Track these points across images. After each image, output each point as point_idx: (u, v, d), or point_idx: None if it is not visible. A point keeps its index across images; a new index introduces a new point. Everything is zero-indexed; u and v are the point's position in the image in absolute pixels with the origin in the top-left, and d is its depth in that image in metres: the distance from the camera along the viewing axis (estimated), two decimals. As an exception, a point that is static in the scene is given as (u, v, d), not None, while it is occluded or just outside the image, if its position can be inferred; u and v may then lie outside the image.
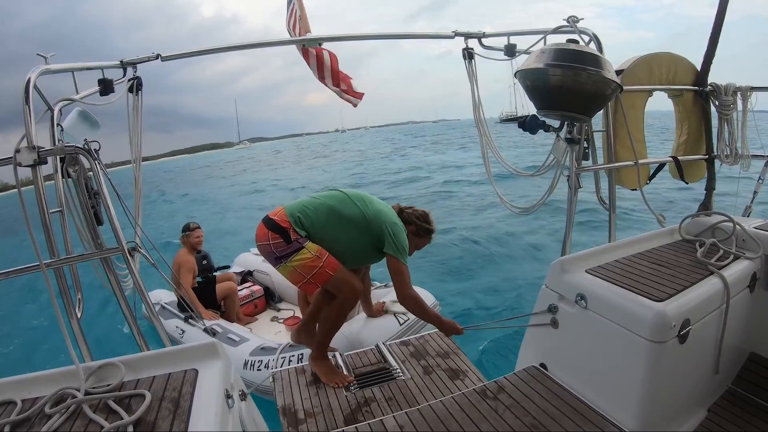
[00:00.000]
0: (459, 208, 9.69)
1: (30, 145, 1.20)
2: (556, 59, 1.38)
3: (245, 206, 14.13)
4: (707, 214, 1.79)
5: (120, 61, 1.88)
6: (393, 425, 1.47)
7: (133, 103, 1.94)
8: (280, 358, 3.20)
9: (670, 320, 1.22)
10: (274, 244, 1.98)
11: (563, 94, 1.42)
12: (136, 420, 0.95)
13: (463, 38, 2.34)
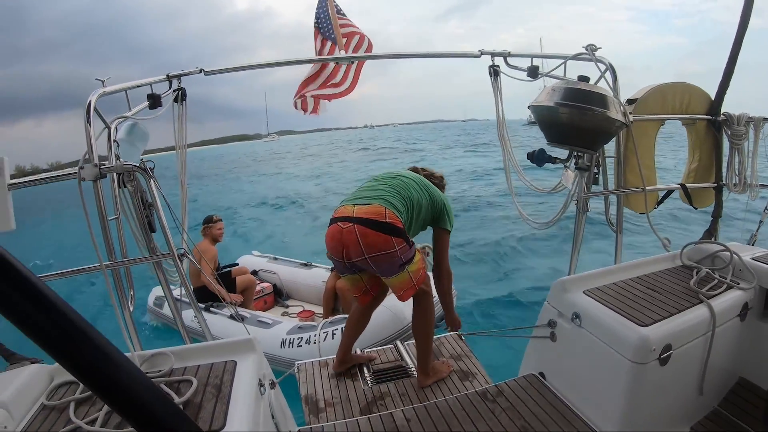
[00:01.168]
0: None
1: (93, 163, 1.38)
2: (565, 98, 1.51)
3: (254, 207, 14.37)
4: (710, 242, 1.87)
5: (166, 75, 2.04)
6: (401, 418, 1.66)
7: (177, 112, 2.12)
8: (323, 333, 3.45)
9: (650, 344, 1.34)
10: (401, 249, 1.80)
11: (570, 130, 1.54)
12: (186, 401, 1.14)
13: (489, 56, 2.46)
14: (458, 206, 10.40)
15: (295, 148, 49.71)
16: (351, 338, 2.32)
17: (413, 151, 31.98)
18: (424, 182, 2.02)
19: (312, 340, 3.43)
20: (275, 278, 4.94)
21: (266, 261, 5.21)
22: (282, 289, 4.94)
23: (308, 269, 4.95)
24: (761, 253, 1.78)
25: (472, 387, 2.14)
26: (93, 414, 1.14)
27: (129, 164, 1.42)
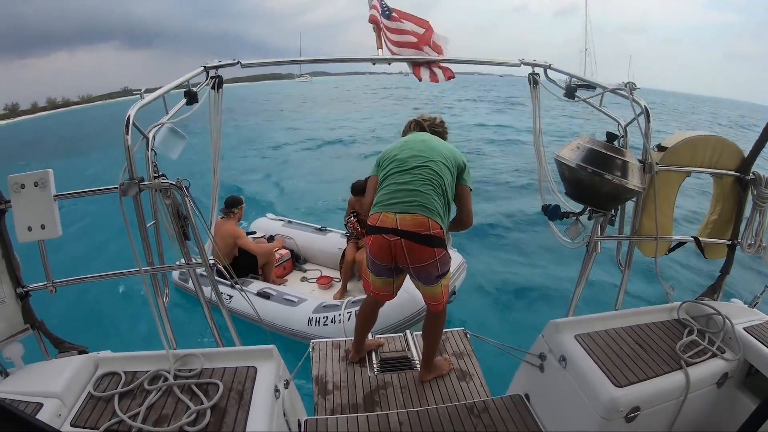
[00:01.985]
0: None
1: (132, 180, 1.48)
2: (586, 160, 1.54)
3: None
4: (707, 302, 1.92)
5: (203, 67, 2.06)
6: (395, 421, 1.91)
7: (213, 100, 2.11)
8: (346, 313, 3.71)
9: (618, 406, 1.47)
10: (440, 259, 1.92)
11: (588, 191, 1.60)
12: (213, 405, 1.36)
13: (530, 66, 2.40)
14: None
15: (331, 91, 48.93)
16: (364, 332, 2.51)
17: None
18: (448, 148, 2.08)
19: (337, 319, 3.71)
20: (292, 243, 5.14)
21: (281, 225, 5.40)
22: (300, 254, 5.15)
23: (324, 234, 5.15)
24: (756, 321, 1.84)
25: (468, 390, 2.34)
26: (135, 408, 1.37)
27: (166, 182, 1.54)
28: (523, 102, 27.10)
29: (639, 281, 4.34)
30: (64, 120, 42.41)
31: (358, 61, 2.53)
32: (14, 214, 1.50)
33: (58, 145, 23.15)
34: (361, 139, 17.95)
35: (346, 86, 76.95)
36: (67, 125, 35.13)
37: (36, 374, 1.52)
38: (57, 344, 1.66)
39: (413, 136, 2.19)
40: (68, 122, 38.59)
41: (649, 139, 1.85)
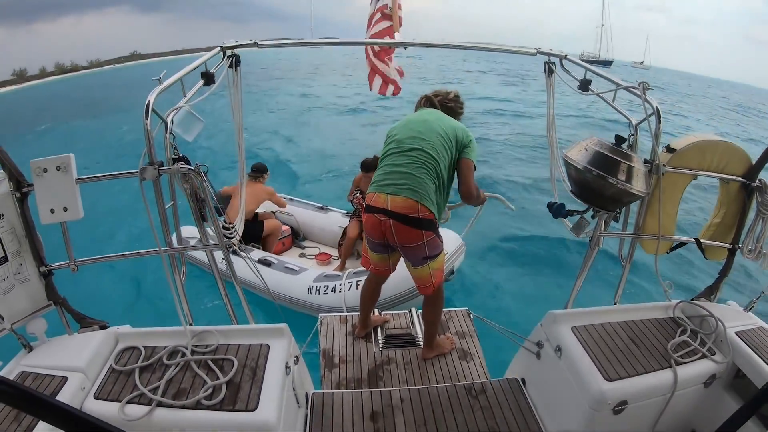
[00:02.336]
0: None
1: (153, 166, 1.52)
2: (593, 163, 1.57)
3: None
4: (702, 304, 1.97)
5: (220, 47, 2.06)
6: (397, 398, 2.02)
7: (232, 78, 2.10)
8: (347, 283, 3.80)
9: (607, 399, 1.55)
10: (429, 241, 2.01)
11: (592, 192, 1.63)
12: (228, 380, 1.45)
13: (545, 56, 2.38)
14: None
15: (343, 58, 47.99)
16: (369, 308, 2.61)
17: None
18: (449, 127, 2.10)
19: (337, 288, 3.78)
20: (292, 220, 5.23)
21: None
22: (299, 230, 5.25)
23: (324, 213, 5.23)
24: (749, 326, 1.89)
25: (468, 369, 2.44)
26: (154, 382, 1.47)
27: (185, 167, 1.59)
28: (535, 76, 26.39)
29: (644, 276, 4.45)
30: (76, 84, 42.07)
31: (373, 44, 2.52)
32: (37, 197, 1.56)
33: (74, 108, 23.17)
34: (370, 108, 17.79)
35: (358, 53, 75.24)
36: (79, 89, 35.02)
37: (59, 348, 1.63)
38: (79, 319, 1.76)
39: (418, 114, 2.21)
40: (80, 86, 38.40)
41: (659, 140, 1.86)
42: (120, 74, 50.85)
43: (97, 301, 4.23)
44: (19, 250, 1.60)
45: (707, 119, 22.64)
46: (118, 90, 31.10)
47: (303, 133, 13.69)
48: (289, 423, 1.59)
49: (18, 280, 1.61)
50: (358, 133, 13.69)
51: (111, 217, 6.36)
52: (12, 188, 1.56)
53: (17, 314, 1.62)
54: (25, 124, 18.90)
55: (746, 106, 35.69)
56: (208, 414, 1.37)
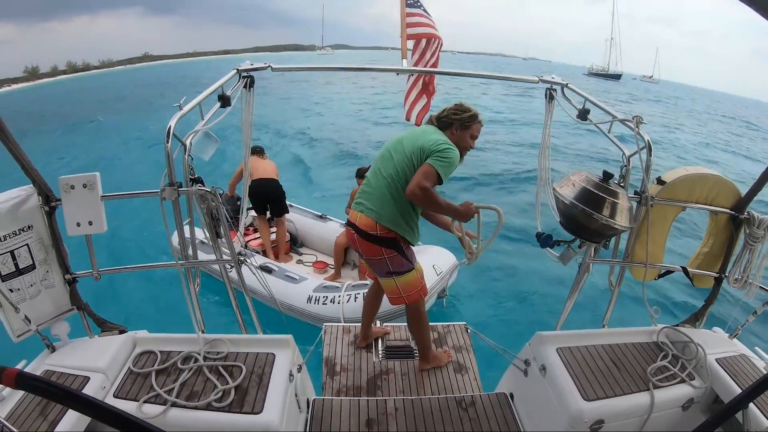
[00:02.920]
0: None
1: (172, 186, 1.66)
2: (579, 198, 1.67)
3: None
4: (685, 331, 2.05)
5: (236, 70, 2.16)
6: (392, 407, 2.13)
7: (246, 98, 2.21)
8: (346, 295, 3.89)
9: (584, 417, 1.65)
10: (389, 258, 2.14)
11: (578, 226, 1.73)
12: (237, 385, 1.58)
13: (547, 84, 2.47)
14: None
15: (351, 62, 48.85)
16: (370, 315, 2.73)
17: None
18: (417, 143, 2.07)
19: (336, 300, 3.87)
20: (291, 226, 5.35)
21: None
22: (297, 237, 5.37)
23: (324, 222, 5.31)
24: (730, 353, 1.96)
25: (462, 382, 2.55)
26: (169, 384, 1.60)
27: (203, 189, 1.72)
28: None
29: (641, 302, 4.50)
30: (93, 83, 42.72)
31: (383, 71, 2.63)
32: (64, 211, 1.70)
33: (97, 105, 23.72)
34: (375, 117, 18.06)
35: (367, 60, 76.42)
36: (98, 88, 35.70)
37: (81, 350, 1.76)
38: (100, 324, 1.90)
39: (401, 134, 2.26)
40: (97, 86, 39.08)
41: (649, 172, 1.95)
42: (133, 74, 51.46)
43: (116, 307, 4.41)
44: (45, 259, 1.75)
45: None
46: (135, 88, 31.65)
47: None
48: (291, 426, 1.71)
49: (44, 286, 1.75)
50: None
51: (128, 227, 6.56)
52: (41, 202, 1.71)
53: (42, 317, 1.76)
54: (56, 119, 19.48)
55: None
56: (218, 415, 1.50)
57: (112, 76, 55.42)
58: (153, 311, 4.73)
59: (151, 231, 6.20)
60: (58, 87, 43.48)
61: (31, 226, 1.69)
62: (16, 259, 1.64)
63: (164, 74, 10.47)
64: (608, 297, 2.28)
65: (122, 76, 49.54)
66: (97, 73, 65.60)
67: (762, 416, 1.64)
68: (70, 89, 37.50)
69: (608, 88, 45.51)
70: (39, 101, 28.99)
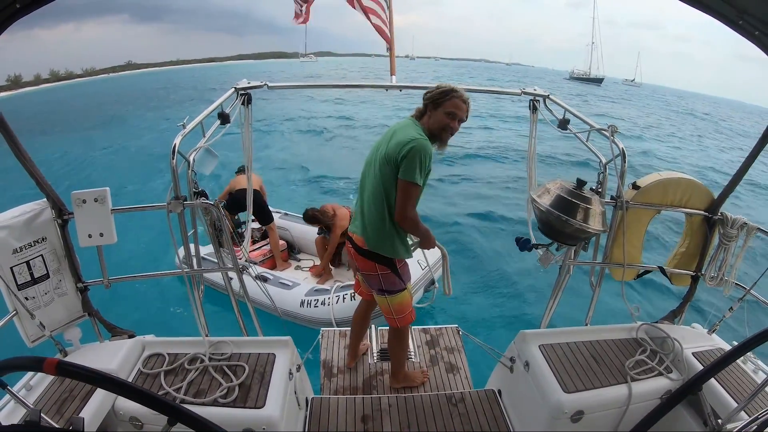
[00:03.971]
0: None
1: (178, 200, 1.77)
2: (554, 204, 1.80)
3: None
4: (662, 328, 2.15)
5: (234, 89, 2.27)
6: (385, 403, 2.24)
7: (244, 115, 2.32)
8: (335, 296, 4.09)
9: (563, 409, 1.76)
10: (383, 275, 2.10)
11: (553, 230, 1.85)
12: (240, 383, 1.69)
13: (530, 96, 2.57)
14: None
15: (335, 71, 49.07)
16: (359, 335, 2.72)
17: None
18: (394, 143, 1.90)
19: (326, 302, 4.07)
20: (288, 234, 5.53)
21: (278, 217, 5.70)
22: (294, 244, 5.54)
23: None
24: (707, 347, 2.07)
25: (453, 381, 2.66)
26: (177, 383, 1.72)
27: (207, 202, 1.84)
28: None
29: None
30: (76, 92, 42.90)
31: (373, 88, 2.73)
32: (77, 224, 1.83)
33: (84, 114, 23.86)
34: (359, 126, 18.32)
35: (350, 67, 76.80)
36: (81, 97, 35.86)
37: (92, 353, 1.88)
38: (110, 329, 2.02)
39: (379, 137, 2.08)
40: (81, 94, 39.25)
41: (623, 178, 2.06)
42: (115, 83, 51.41)
43: (124, 313, 4.52)
44: (59, 268, 1.87)
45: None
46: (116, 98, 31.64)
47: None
48: (290, 421, 1.83)
49: (57, 294, 1.87)
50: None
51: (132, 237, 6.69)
52: (54, 216, 1.84)
53: (55, 323, 1.88)
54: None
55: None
56: (224, 410, 1.63)
57: (95, 84, 55.55)
58: (156, 318, 4.87)
59: (149, 241, 6.35)
60: (39, 96, 43.54)
61: (45, 237, 1.81)
62: (32, 268, 1.77)
63: (147, 81, 10.77)
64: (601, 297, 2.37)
65: (104, 85, 49.55)
66: (80, 82, 65.62)
67: (728, 396, 1.75)
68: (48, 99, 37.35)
69: (589, 91, 45.99)
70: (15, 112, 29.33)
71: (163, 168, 9.86)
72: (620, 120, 22.91)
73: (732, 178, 2.09)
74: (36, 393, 1.63)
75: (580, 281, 2.45)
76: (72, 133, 17.99)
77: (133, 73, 79.57)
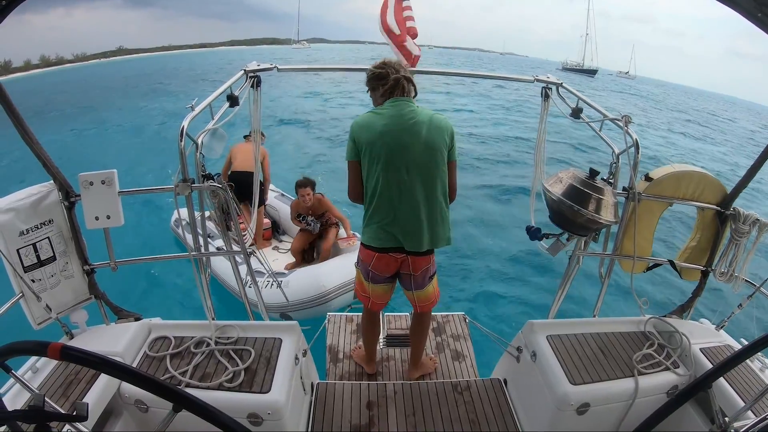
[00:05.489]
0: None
1: (187, 183, 1.75)
2: (566, 194, 1.76)
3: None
4: (670, 322, 2.14)
5: (243, 71, 2.21)
6: (391, 390, 2.25)
7: (253, 97, 2.26)
8: (267, 281, 3.87)
9: (570, 400, 1.75)
10: (432, 263, 2.10)
11: (565, 220, 1.82)
12: (246, 367, 1.69)
13: (543, 83, 2.53)
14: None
15: (326, 59, 48.59)
16: (372, 344, 2.56)
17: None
18: (440, 135, 1.85)
19: (266, 286, 3.86)
20: (276, 214, 5.46)
21: (274, 196, 5.64)
22: (279, 224, 5.47)
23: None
24: (715, 343, 2.05)
25: (459, 369, 2.66)
26: (183, 367, 1.72)
27: (215, 185, 1.82)
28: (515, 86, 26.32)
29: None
30: (68, 77, 42.45)
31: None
32: (84, 206, 1.81)
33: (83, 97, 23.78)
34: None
35: (342, 54, 75.94)
36: (78, 82, 35.57)
37: (98, 336, 1.88)
38: (116, 312, 2.01)
39: (398, 134, 1.84)
40: (75, 79, 38.89)
41: (636, 169, 2.03)
42: (106, 69, 50.54)
43: (130, 295, 4.57)
44: (65, 251, 1.86)
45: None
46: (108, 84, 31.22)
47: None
48: (296, 406, 1.83)
49: (64, 276, 1.86)
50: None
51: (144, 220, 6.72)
52: (61, 198, 1.83)
53: (62, 305, 1.88)
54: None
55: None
56: (229, 394, 1.63)
57: (86, 69, 54.93)
58: (166, 299, 4.88)
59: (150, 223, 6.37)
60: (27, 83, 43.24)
61: (51, 220, 1.80)
62: (38, 251, 1.76)
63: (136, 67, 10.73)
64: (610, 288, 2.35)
65: (96, 70, 49.03)
66: (69, 68, 64.96)
67: (736, 395, 1.74)
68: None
69: (583, 82, 45.35)
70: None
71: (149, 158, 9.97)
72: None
73: (746, 174, 2.05)
74: (41, 376, 1.64)
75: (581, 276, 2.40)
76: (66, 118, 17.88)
77: (125, 59, 78.84)
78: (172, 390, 0.83)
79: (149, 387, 0.81)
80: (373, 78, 1.92)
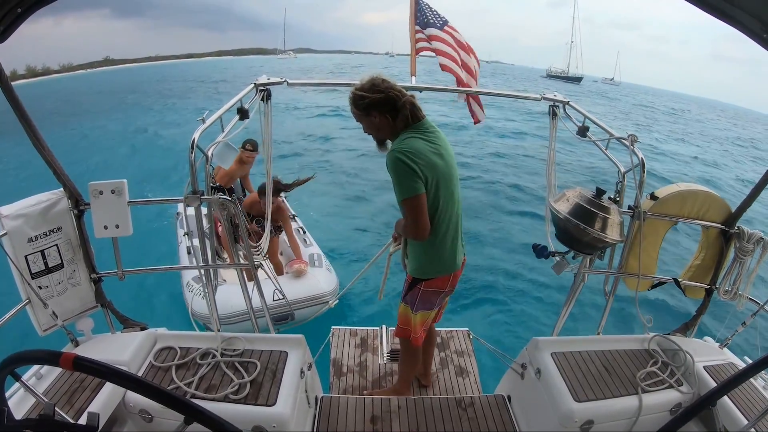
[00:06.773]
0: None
1: (195, 194, 1.75)
2: (572, 212, 1.77)
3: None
4: (674, 340, 2.14)
5: (254, 84, 2.23)
6: (395, 405, 2.24)
7: (264, 110, 2.26)
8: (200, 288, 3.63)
9: (574, 418, 1.75)
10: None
11: (571, 238, 1.83)
12: (252, 379, 1.69)
13: (549, 101, 2.54)
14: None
15: (312, 69, 49.11)
16: (427, 362, 2.63)
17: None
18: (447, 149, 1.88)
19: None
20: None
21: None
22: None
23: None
24: (718, 361, 2.05)
25: (462, 384, 2.65)
26: (189, 378, 1.71)
27: (224, 198, 1.83)
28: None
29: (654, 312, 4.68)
30: (53, 88, 42.07)
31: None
32: (93, 215, 1.82)
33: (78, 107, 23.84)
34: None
35: (326, 64, 76.23)
36: (64, 91, 35.32)
37: (103, 344, 1.88)
38: (122, 321, 2.01)
39: (437, 146, 1.83)
40: (63, 89, 38.69)
41: (642, 188, 2.04)
42: (91, 78, 50.09)
43: (134, 304, 4.52)
44: (73, 258, 1.87)
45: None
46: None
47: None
48: (300, 419, 1.82)
49: (71, 284, 1.87)
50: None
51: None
52: (71, 206, 1.84)
53: (68, 313, 1.88)
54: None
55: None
56: (235, 406, 1.62)
57: (71, 80, 54.72)
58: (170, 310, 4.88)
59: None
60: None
61: (60, 227, 1.81)
62: (46, 258, 1.77)
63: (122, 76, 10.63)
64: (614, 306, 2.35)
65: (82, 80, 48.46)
66: (56, 78, 64.77)
67: (739, 413, 1.73)
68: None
69: (567, 89, 45.78)
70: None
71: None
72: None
73: (750, 193, 2.07)
74: (46, 383, 1.63)
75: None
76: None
77: (111, 69, 79.12)
78: (187, 404, 0.83)
79: (164, 400, 0.82)
80: (383, 102, 1.78)
